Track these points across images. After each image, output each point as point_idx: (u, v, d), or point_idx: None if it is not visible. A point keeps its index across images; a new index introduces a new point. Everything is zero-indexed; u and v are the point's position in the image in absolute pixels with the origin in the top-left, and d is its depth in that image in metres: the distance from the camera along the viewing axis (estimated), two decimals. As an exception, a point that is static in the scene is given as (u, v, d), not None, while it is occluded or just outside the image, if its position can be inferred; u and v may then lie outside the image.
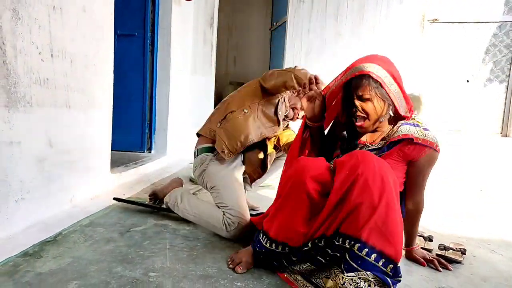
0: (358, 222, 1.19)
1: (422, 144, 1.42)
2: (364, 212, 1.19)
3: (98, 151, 2.37)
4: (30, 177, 1.77)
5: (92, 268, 1.41)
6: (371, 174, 1.21)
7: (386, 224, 1.17)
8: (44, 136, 1.85)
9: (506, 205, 2.95)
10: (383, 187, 1.20)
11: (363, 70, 1.39)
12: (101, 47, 2.32)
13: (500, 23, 3.80)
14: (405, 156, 1.45)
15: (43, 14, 1.77)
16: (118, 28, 3.18)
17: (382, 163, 1.27)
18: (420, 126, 1.45)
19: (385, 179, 1.22)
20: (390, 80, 1.39)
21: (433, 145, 1.43)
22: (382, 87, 1.38)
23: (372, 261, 1.17)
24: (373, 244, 1.17)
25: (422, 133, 1.43)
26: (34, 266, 1.40)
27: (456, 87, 3.96)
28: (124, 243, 1.67)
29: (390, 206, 1.20)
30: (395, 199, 1.24)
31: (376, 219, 1.17)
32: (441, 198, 2.92)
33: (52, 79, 1.86)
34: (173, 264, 1.49)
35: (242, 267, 1.44)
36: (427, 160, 1.46)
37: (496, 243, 2.00)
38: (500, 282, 1.54)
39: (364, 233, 1.18)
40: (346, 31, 4.06)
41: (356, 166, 1.24)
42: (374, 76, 1.37)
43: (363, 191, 1.20)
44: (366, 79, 1.38)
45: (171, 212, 2.05)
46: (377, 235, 1.17)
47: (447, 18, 3.91)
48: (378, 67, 1.39)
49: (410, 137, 1.41)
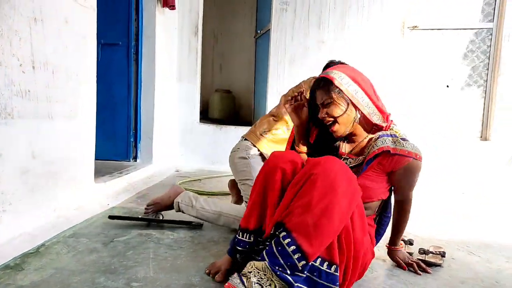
0: (293, 215, 1.23)
1: (400, 155, 1.41)
2: (301, 209, 1.22)
3: (81, 161, 2.37)
4: (12, 189, 1.76)
5: (75, 279, 1.41)
6: (323, 176, 1.22)
7: (315, 226, 1.19)
8: (27, 148, 1.85)
9: (487, 207, 3.02)
10: (329, 192, 1.20)
11: (326, 75, 1.44)
12: (84, 57, 2.32)
13: (476, 30, 3.90)
14: (385, 168, 1.44)
15: (24, 26, 1.78)
16: (102, 37, 3.18)
17: (345, 172, 1.26)
18: (398, 137, 1.45)
19: (337, 186, 1.21)
20: (355, 87, 1.42)
21: (412, 155, 1.42)
22: (343, 92, 1.40)
23: (289, 251, 1.19)
24: (296, 238, 1.20)
25: (400, 144, 1.42)
26: (15, 279, 1.40)
27: (437, 92, 4.05)
28: (107, 254, 1.67)
29: (328, 212, 1.19)
30: (342, 210, 1.22)
31: (308, 218, 1.20)
32: (422, 201, 2.98)
33: (33, 90, 1.86)
34: (156, 274, 1.49)
35: (220, 276, 1.44)
36: (408, 170, 1.45)
37: (475, 245, 2.06)
38: (477, 283, 1.58)
39: (292, 225, 1.21)
40: (329, 39, 4.13)
41: (316, 166, 1.26)
42: (336, 82, 1.40)
43: (308, 189, 1.23)
44: (326, 84, 1.43)
45: (166, 223, 2.07)
46: (303, 231, 1.20)
47: (426, 25, 4.00)
48: (343, 74, 1.43)
49: (386, 149, 1.40)
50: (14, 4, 1.71)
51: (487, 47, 3.88)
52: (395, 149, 1.41)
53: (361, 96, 1.42)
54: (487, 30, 3.86)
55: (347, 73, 1.44)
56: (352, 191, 1.26)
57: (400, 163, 1.42)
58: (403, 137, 1.46)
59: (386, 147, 1.40)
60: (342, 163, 1.29)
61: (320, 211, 1.19)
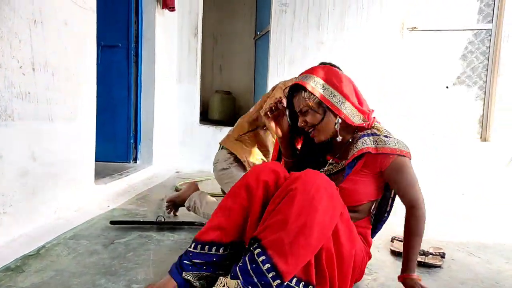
0: (269, 231, 1.15)
1: (382, 154, 1.33)
2: (277, 225, 1.14)
3: (82, 162, 2.37)
4: (12, 191, 1.76)
5: (75, 281, 1.41)
6: (302, 191, 1.16)
7: (292, 244, 1.12)
8: (27, 150, 1.85)
9: (486, 208, 3.03)
10: (308, 208, 1.14)
11: (300, 81, 1.38)
12: (84, 59, 2.33)
13: (475, 31, 3.91)
14: (371, 169, 1.36)
15: (24, 28, 1.78)
16: (102, 39, 3.19)
17: (326, 188, 1.19)
18: (380, 134, 1.36)
19: (317, 203, 1.14)
20: (330, 91, 1.36)
21: (396, 151, 1.32)
22: (318, 98, 1.35)
23: (263, 269, 1.12)
24: (271, 255, 1.12)
25: (382, 142, 1.34)
26: (15, 281, 1.40)
27: (436, 93, 4.06)
28: (107, 255, 1.67)
29: (306, 230, 1.13)
30: (322, 227, 1.15)
31: (284, 236, 1.12)
32: (423, 203, 2.98)
33: (33, 92, 1.87)
34: (157, 276, 1.49)
35: None
36: (395, 168, 1.34)
37: (475, 246, 2.06)
38: (477, 284, 1.58)
39: (267, 241, 1.14)
40: (328, 40, 4.14)
41: (295, 180, 1.20)
42: (310, 88, 1.35)
43: (286, 205, 1.16)
44: (300, 91, 1.38)
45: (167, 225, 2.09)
46: (278, 249, 1.12)
47: (425, 26, 4.01)
48: (317, 78, 1.37)
49: (367, 151, 1.33)
50: (14, 6, 1.71)
51: (486, 48, 3.89)
52: (376, 149, 1.33)
53: (339, 100, 1.36)
54: (486, 31, 3.87)
55: (321, 75, 1.38)
56: (333, 207, 1.19)
57: (385, 163, 1.34)
58: (385, 134, 1.38)
59: (366, 148, 1.33)
60: (324, 177, 1.22)
61: (297, 228, 1.12)
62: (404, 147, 1.36)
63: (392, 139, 1.35)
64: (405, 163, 1.34)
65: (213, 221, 1.32)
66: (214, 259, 1.27)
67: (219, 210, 1.34)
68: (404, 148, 1.35)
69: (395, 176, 1.35)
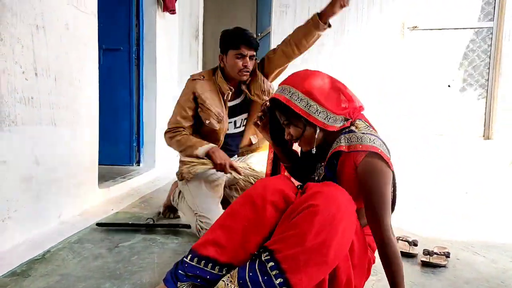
0: (284, 244, 1.13)
1: (355, 151, 1.23)
2: (293, 240, 1.12)
3: (85, 166, 2.38)
4: (16, 196, 1.77)
5: (80, 285, 1.42)
6: (324, 210, 1.11)
7: (307, 261, 1.10)
8: (30, 154, 1.86)
9: (490, 207, 3.02)
10: (328, 227, 1.11)
11: (277, 94, 1.32)
12: (86, 63, 2.33)
13: (477, 29, 3.91)
14: (350, 168, 1.26)
15: (26, 33, 1.79)
16: (103, 42, 3.21)
17: (347, 206, 1.16)
18: (357, 132, 1.27)
19: (337, 222, 1.11)
20: (306, 101, 1.26)
21: (368, 148, 1.21)
22: (295, 110, 1.26)
23: (276, 283, 1.10)
24: (285, 270, 1.10)
25: (355, 138, 1.25)
26: (22, 286, 1.41)
27: (438, 92, 4.05)
28: (112, 259, 1.68)
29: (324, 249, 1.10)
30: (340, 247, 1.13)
31: (300, 252, 1.10)
32: (426, 201, 2.98)
33: (36, 97, 1.88)
34: (162, 279, 1.49)
35: None
36: (366, 169, 1.22)
37: (479, 245, 2.05)
38: (481, 283, 1.58)
39: (282, 256, 1.12)
40: (329, 41, 4.14)
41: (317, 196, 1.15)
42: (285, 101, 1.27)
43: (305, 221, 1.12)
44: (278, 105, 1.33)
45: (155, 227, 2.11)
46: (293, 265, 1.10)
47: (426, 25, 4.01)
48: (292, 89, 1.29)
49: (338, 149, 1.27)
50: (16, 11, 1.72)
51: (488, 46, 3.89)
52: (349, 147, 1.25)
53: (316, 109, 1.26)
54: (488, 29, 3.87)
55: (296, 84, 1.30)
56: (351, 226, 1.16)
57: (357, 159, 1.23)
58: (363, 131, 1.27)
59: (338, 147, 1.27)
60: (345, 194, 1.19)
61: (315, 246, 1.10)
62: (380, 145, 1.23)
63: (368, 135, 1.24)
64: (377, 165, 1.22)
65: (213, 234, 1.27)
66: (208, 276, 1.23)
67: (220, 225, 1.29)
68: (379, 146, 1.22)
69: (366, 179, 1.23)
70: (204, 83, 2.12)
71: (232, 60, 2.04)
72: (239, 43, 2.01)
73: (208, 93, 2.10)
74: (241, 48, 2.01)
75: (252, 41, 2.05)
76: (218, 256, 1.23)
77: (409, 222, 2.34)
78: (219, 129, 2.09)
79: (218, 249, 1.24)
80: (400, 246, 1.88)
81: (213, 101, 2.09)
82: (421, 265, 1.74)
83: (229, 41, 2.05)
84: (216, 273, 1.23)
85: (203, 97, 2.08)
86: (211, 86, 2.13)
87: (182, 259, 1.28)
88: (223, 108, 2.10)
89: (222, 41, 2.10)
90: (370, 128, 1.30)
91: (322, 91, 1.29)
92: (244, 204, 1.27)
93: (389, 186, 1.24)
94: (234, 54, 2.02)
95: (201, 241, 1.28)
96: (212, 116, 2.07)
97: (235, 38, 2.02)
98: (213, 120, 2.07)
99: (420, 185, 3.53)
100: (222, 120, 2.09)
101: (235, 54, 2.02)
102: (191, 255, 1.26)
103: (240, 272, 1.16)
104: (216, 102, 2.09)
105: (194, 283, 1.25)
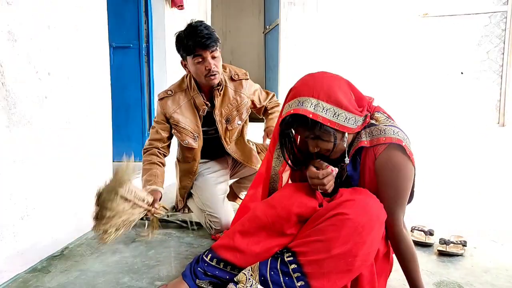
0: (308, 247, 1.13)
1: (378, 144, 1.20)
2: (318, 245, 1.12)
3: (100, 163, 2.40)
4: (34, 194, 1.80)
5: (100, 280, 1.44)
6: (354, 220, 1.10)
7: (331, 268, 1.10)
8: (47, 153, 1.88)
9: (507, 194, 2.97)
10: (356, 238, 1.09)
11: (298, 109, 1.16)
12: (97, 61, 2.35)
13: (490, 14, 3.82)
14: (369, 165, 1.24)
15: (39, 33, 1.81)
16: (113, 40, 3.22)
17: (378, 216, 1.14)
18: (378, 125, 1.23)
19: (366, 233, 1.10)
20: (333, 110, 1.16)
21: (392, 140, 1.17)
22: (323, 123, 1.15)
23: (297, 285, 1.11)
24: (307, 274, 1.11)
25: (377, 131, 1.21)
26: (43, 281, 1.44)
27: (451, 80, 3.99)
28: (129, 254, 1.70)
29: (349, 258, 1.10)
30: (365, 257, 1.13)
31: (325, 258, 1.10)
32: (441, 190, 2.95)
33: (50, 96, 1.90)
34: (179, 272, 1.52)
35: None
36: (385, 161, 1.19)
37: (497, 233, 2.03)
38: (500, 272, 1.56)
39: (306, 260, 1.12)
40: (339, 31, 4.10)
41: (347, 204, 1.14)
42: (312, 115, 1.14)
43: (333, 228, 1.11)
44: (302, 122, 1.18)
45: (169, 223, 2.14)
46: (316, 270, 1.11)
47: (437, 12, 3.94)
48: (314, 100, 1.15)
49: (360, 145, 1.23)
50: (28, 12, 1.74)
51: (502, 31, 3.80)
52: (371, 141, 1.21)
53: (345, 118, 1.17)
54: (502, 14, 3.78)
55: (315, 93, 1.16)
56: (379, 235, 1.16)
57: (377, 152, 1.20)
58: (384, 123, 1.23)
59: (360, 143, 1.23)
60: (377, 202, 1.17)
61: (341, 255, 1.10)
62: (404, 138, 1.19)
63: (390, 128, 1.20)
64: (398, 157, 1.18)
65: (233, 238, 1.27)
66: (227, 277, 1.25)
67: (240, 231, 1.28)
68: (403, 138, 1.19)
69: (381, 168, 1.20)
70: (174, 99, 2.01)
71: (193, 67, 1.87)
72: (194, 47, 1.79)
73: (180, 109, 1.98)
74: (197, 51, 1.81)
75: (207, 40, 1.80)
76: (236, 261, 1.25)
77: (424, 211, 2.32)
78: (198, 148, 2.06)
79: (237, 254, 1.25)
80: (416, 236, 1.87)
81: (187, 118, 1.98)
82: (438, 255, 1.73)
83: (183, 46, 1.85)
84: (236, 273, 1.24)
85: (176, 118, 1.98)
86: (183, 98, 2.01)
87: (201, 257, 1.30)
88: (197, 121, 2.00)
89: (176, 48, 1.91)
90: (391, 120, 1.27)
91: (344, 95, 1.19)
92: (267, 213, 1.25)
93: (409, 181, 1.21)
94: (192, 59, 1.84)
95: (222, 243, 1.29)
96: (189, 135, 2.00)
97: (188, 42, 1.81)
98: (190, 139, 2.01)
99: (435, 174, 3.49)
100: (198, 137, 2.03)
101: (193, 60, 1.84)
102: (210, 255, 1.28)
103: (262, 269, 1.17)
104: (190, 118, 1.99)
105: (212, 281, 1.27)
